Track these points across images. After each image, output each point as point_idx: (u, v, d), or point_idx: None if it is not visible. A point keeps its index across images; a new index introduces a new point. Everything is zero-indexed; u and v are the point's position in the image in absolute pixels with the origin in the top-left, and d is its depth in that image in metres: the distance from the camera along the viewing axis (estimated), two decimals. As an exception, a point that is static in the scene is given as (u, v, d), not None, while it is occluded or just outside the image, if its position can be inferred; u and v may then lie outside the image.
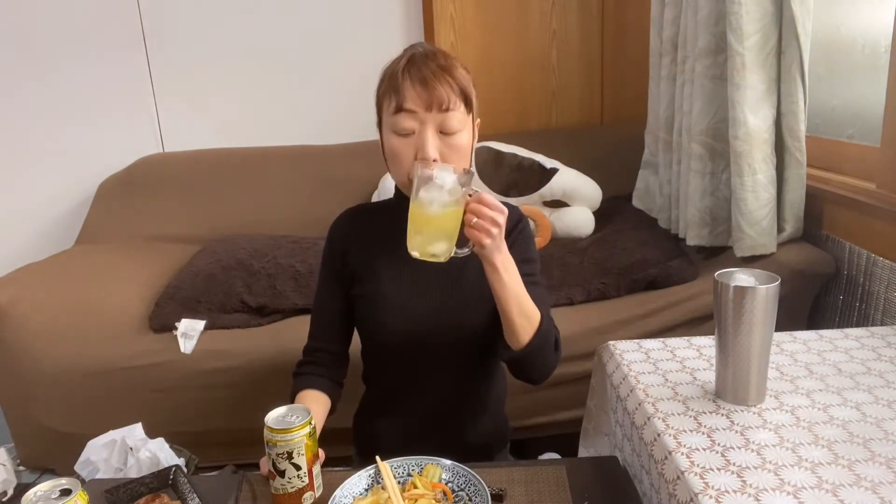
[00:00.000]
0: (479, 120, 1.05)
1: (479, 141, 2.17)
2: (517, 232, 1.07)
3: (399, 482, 0.89)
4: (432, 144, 0.94)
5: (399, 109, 0.94)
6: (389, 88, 0.96)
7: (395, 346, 1.07)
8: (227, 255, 1.88)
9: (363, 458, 1.15)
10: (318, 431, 0.91)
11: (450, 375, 1.10)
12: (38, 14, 2.37)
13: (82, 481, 1.08)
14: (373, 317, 1.07)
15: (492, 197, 0.88)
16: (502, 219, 0.88)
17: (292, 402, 1.03)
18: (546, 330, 1.00)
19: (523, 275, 1.02)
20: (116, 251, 2.11)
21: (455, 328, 1.05)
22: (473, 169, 0.94)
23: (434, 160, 0.93)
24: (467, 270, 1.05)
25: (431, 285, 1.06)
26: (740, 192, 1.58)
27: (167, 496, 0.87)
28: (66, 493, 0.72)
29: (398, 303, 1.05)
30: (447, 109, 0.94)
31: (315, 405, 1.02)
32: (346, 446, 1.24)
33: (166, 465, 0.97)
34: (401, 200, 1.04)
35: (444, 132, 0.95)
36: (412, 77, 0.94)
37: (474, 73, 1.02)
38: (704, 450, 0.81)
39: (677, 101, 1.84)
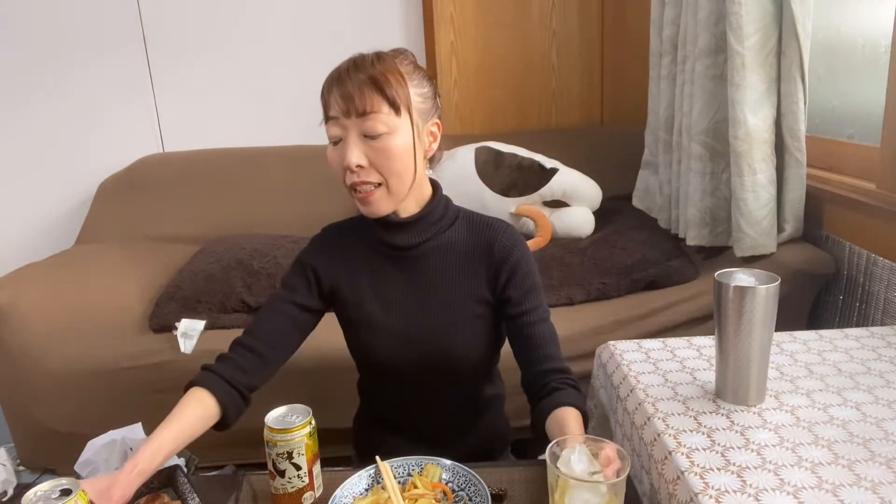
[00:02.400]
0: (435, 122, 0.99)
1: (479, 141, 2.20)
2: (516, 260, 1.00)
3: (399, 482, 0.89)
4: (354, 151, 0.91)
5: (327, 119, 0.95)
6: (321, 100, 0.96)
7: (384, 368, 1.05)
8: (227, 255, 1.88)
9: (363, 459, 1.15)
10: (187, 440, 0.89)
11: (446, 393, 1.08)
12: (37, 14, 2.37)
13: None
14: (360, 340, 1.05)
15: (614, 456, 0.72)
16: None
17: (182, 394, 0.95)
18: (585, 411, 0.93)
19: (530, 309, 0.99)
20: (116, 251, 2.11)
21: (446, 351, 1.02)
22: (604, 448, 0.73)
23: (568, 443, 0.74)
24: (457, 292, 1.02)
25: (419, 308, 1.02)
26: (740, 192, 1.58)
27: (167, 496, 0.87)
28: (66, 493, 0.72)
29: (384, 327, 1.02)
30: (365, 113, 0.90)
31: (190, 410, 0.93)
32: (346, 446, 1.24)
33: (166, 465, 0.97)
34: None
35: (368, 136, 0.92)
36: (333, 86, 0.93)
37: (474, 73, 1.00)
38: (704, 450, 0.81)
39: (677, 101, 1.84)
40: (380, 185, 0.95)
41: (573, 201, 2.10)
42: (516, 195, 2.10)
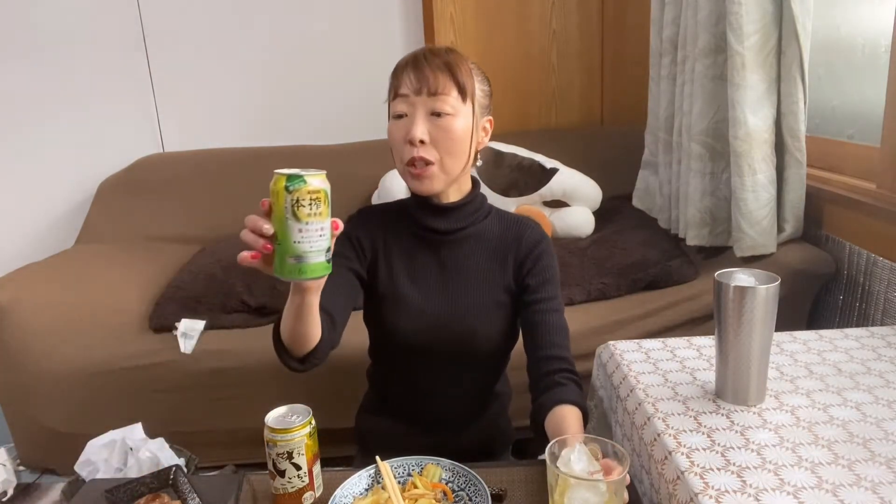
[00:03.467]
0: (488, 118, 1.06)
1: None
2: (539, 251, 1.07)
3: (399, 482, 0.89)
4: (420, 125, 0.96)
5: (395, 96, 0.99)
6: (392, 80, 1.01)
7: (406, 348, 1.06)
8: (227, 255, 1.88)
9: (365, 455, 1.15)
10: (317, 324, 0.88)
11: (458, 379, 1.10)
12: (37, 14, 2.37)
13: (83, 481, 1.08)
14: (388, 318, 1.06)
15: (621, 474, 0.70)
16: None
17: (278, 323, 0.92)
18: (586, 409, 0.95)
19: (545, 298, 1.04)
20: (116, 251, 2.11)
21: (469, 335, 1.05)
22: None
23: (568, 443, 0.74)
24: (485, 279, 1.05)
25: (448, 291, 1.05)
26: (740, 192, 1.58)
27: (167, 496, 0.87)
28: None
29: (415, 306, 1.05)
30: (436, 93, 0.96)
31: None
32: (347, 446, 1.24)
33: (166, 465, 0.97)
34: (416, 196, 1.05)
35: (434, 115, 0.97)
36: (409, 66, 0.99)
37: (474, 73, 1.02)
38: (704, 450, 0.81)
39: (677, 101, 1.84)
40: (434, 164, 0.99)
41: (573, 201, 2.10)
42: (516, 195, 2.10)
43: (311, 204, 0.72)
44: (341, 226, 0.78)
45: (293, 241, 0.73)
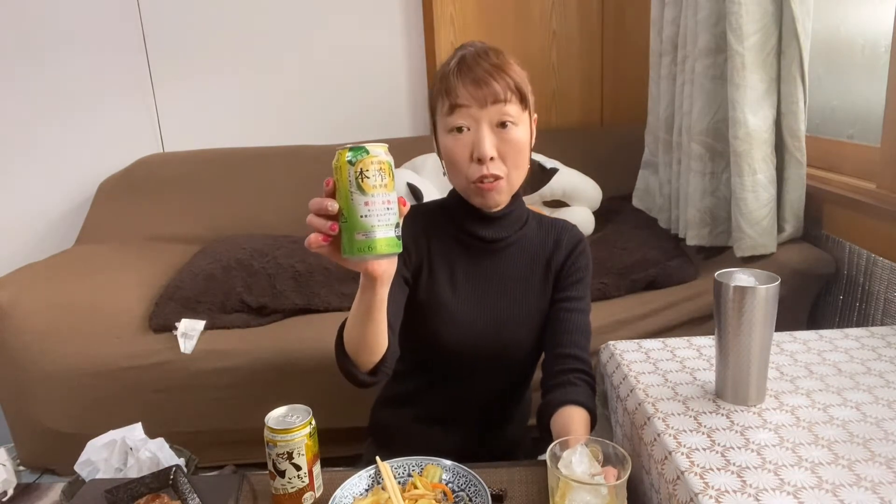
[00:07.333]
0: (535, 116, 1.01)
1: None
2: (577, 253, 1.06)
3: (399, 482, 0.89)
4: (488, 141, 0.92)
5: (453, 109, 0.93)
6: (442, 89, 0.95)
7: (441, 355, 1.04)
8: (227, 255, 1.88)
9: (379, 449, 1.13)
10: (382, 331, 0.84)
11: (486, 386, 1.08)
12: (37, 14, 2.37)
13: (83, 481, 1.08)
14: (427, 325, 1.02)
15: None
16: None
17: (340, 340, 0.90)
18: (594, 410, 0.95)
19: (573, 297, 1.02)
20: (116, 251, 2.11)
21: (509, 346, 1.03)
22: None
23: (569, 444, 0.75)
24: (527, 287, 1.04)
25: (489, 299, 1.03)
26: (740, 192, 1.58)
27: (167, 496, 0.87)
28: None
29: (456, 316, 1.02)
30: (498, 101, 0.91)
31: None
32: (348, 446, 1.24)
33: (166, 465, 0.97)
34: (460, 201, 1.01)
35: (499, 126, 0.93)
36: (464, 76, 0.92)
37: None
38: (704, 450, 0.81)
39: (677, 101, 1.84)
40: (503, 178, 0.95)
41: (573, 201, 2.10)
42: (516, 195, 2.10)
43: (375, 175, 0.69)
44: (408, 204, 0.74)
45: (360, 215, 0.69)
